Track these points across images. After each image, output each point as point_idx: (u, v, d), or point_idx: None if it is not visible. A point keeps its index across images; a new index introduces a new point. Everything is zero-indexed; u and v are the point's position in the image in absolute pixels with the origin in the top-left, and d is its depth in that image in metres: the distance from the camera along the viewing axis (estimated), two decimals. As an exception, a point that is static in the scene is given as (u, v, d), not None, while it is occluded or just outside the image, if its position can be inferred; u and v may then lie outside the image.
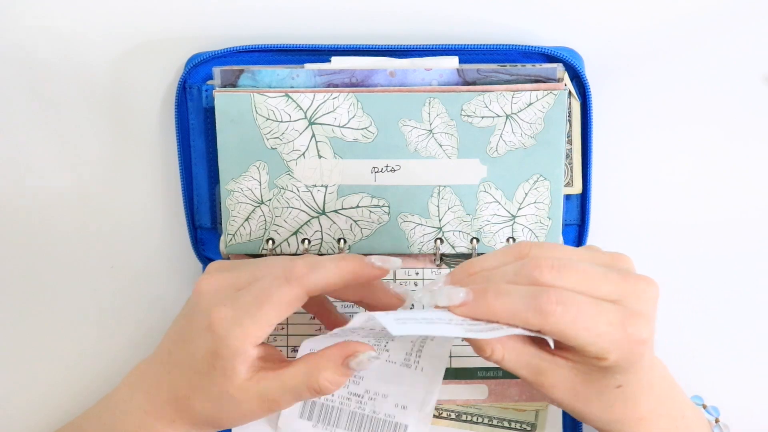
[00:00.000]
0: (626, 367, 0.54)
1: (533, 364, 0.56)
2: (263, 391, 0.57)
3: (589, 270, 0.53)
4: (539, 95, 0.65)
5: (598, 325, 0.52)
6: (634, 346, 0.53)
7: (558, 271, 0.52)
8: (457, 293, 0.53)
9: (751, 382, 0.71)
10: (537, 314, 0.51)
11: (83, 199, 0.70)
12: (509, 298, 0.52)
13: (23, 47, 0.69)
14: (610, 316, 0.52)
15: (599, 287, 0.53)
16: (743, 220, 0.70)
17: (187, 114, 0.68)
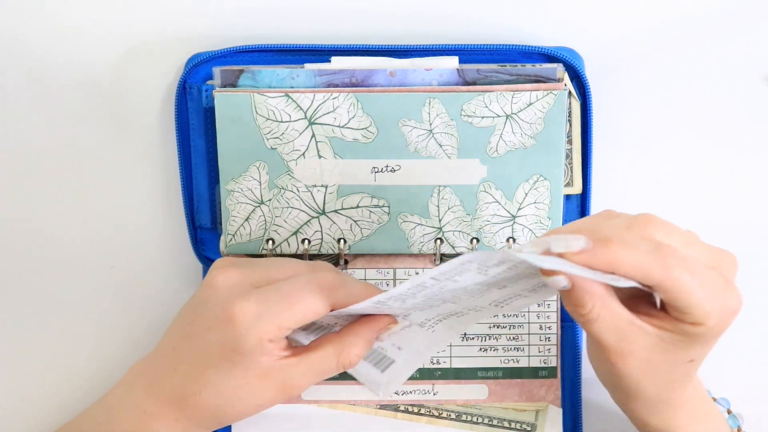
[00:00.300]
0: (711, 338, 0.54)
1: (621, 328, 0.54)
2: (287, 377, 0.58)
3: (691, 236, 0.53)
4: (539, 95, 0.65)
5: (710, 287, 0.52)
6: (728, 314, 0.53)
7: (669, 230, 0.52)
8: (576, 240, 0.51)
9: (752, 381, 0.71)
10: (662, 268, 0.50)
11: (83, 199, 0.70)
12: (634, 249, 0.50)
13: (23, 47, 0.69)
14: (717, 281, 0.52)
15: (700, 252, 0.53)
16: (743, 220, 0.70)
17: (187, 114, 0.68)
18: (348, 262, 0.68)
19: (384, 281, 0.68)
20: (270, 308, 0.56)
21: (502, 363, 0.69)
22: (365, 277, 0.68)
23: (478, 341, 0.68)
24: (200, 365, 0.58)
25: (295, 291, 0.57)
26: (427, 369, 0.69)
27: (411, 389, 0.69)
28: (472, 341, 0.68)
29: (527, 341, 0.69)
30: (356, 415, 0.69)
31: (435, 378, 0.69)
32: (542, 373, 0.69)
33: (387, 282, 0.68)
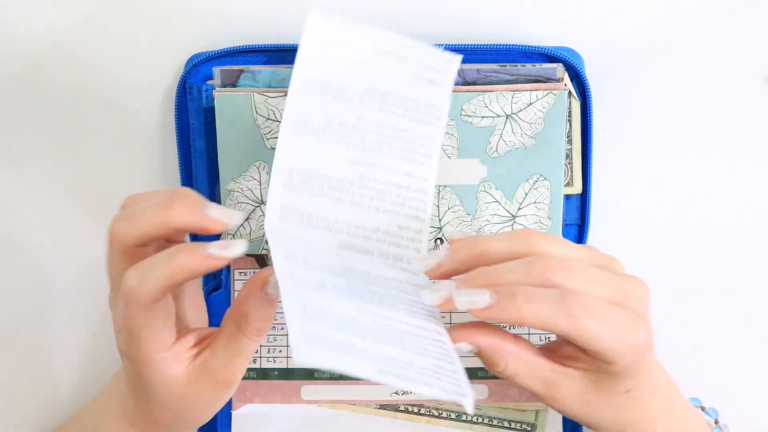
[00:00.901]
0: (634, 371, 0.54)
1: (545, 377, 0.55)
2: (209, 370, 0.56)
3: (593, 272, 0.53)
4: (539, 95, 0.65)
5: (616, 329, 0.52)
6: (642, 348, 0.53)
7: (569, 273, 0.52)
8: (480, 295, 0.51)
9: (750, 383, 0.71)
10: (568, 319, 0.51)
11: (83, 199, 0.70)
12: (539, 302, 0.51)
13: (22, 48, 0.69)
14: (624, 320, 0.52)
15: (604, 289, 0.53)
16: (743, 220, 0.70)
17: (187, 114, 0.68)
18: (348, 262, 0.68)
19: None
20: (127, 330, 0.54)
21: (502, 363, 0.69)
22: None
23: (478, 341, 0.68)
24: (136, 390, 0.58)
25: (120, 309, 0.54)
26: (427, 369, 0.69)
27: (411, 389, 0.69)
28: (472, 341, 0.68)
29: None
30: (356, 415, 0.69)
31: (435, 378, 0.69)
32: (542, 372, 0.69)
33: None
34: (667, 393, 0.59)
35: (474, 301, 0.51)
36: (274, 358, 0.69)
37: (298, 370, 0.69)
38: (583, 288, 0.52)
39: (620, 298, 0.53)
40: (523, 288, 0.51)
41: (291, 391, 0.69)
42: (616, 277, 0.54)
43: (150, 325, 0.53)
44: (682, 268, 0.71)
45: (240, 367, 0.56)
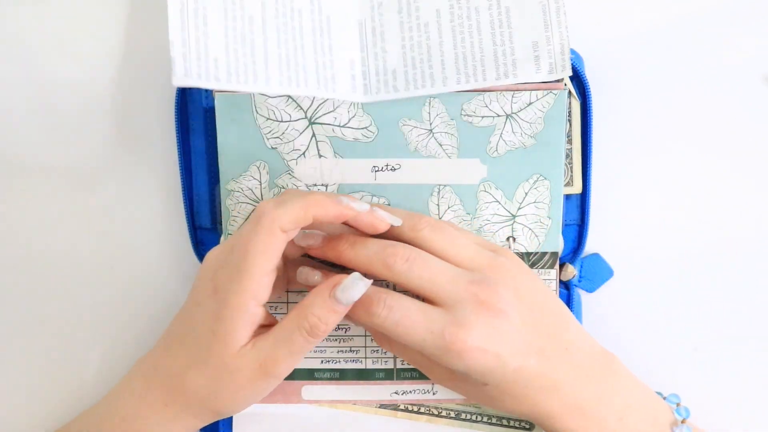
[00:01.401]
0: (466, 371, 0.57)
1: (419, 361, 0.61)
2: (259, 353, 0.57)
3: (440, 270, 0.58)
4: (539, 95, 0.65)
5: (418, 331, 0.57)
6: (459, 354, 0.56)
7: (410, 264, 0.58)
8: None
9: (750, 383, 0.71)
10: (366, 315, 0.58)
11: (83, 199, 0.70)
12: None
13: (23, 48, 0.69)
14: (432, 323, 0.57)
15: (440, 288, 0.57)
16: (743, 219, 0.70)
17: (187, 114, 0.68)
18: (348, 261, 0.68)
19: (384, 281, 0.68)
20: (235, 266, 0.57)
21: (501, 362, 0.69)
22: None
23: (478, 340, 0.69)
24: (189, 344, 0.59)
25: (243, 238, 0.57)
26: (427, 368, 0.69)
27: (411, 389, 0.69)
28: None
29: (527, 340, 0.69)
30: (356, 414, 0.69)
31: (435, 377, 0.69)
32: (542, 372, 0.69)
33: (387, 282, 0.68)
34: (585, 390, 0.60)
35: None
36: (275, 357, 0.69)
37: (299, 370, 0.69)
38: (417, 281, 0.57)
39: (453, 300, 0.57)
40: (341, 276, 0.58)
41: (291, 391, 0.69)
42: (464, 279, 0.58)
43: (261, 254, 0.56)
44: (682, 267, 0.71)
45: (284, 358, 0.57)
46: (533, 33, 0.64)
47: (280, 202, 0.57)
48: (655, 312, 0.70)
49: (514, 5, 0.64)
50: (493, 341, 0.57)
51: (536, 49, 0.64)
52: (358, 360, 0.68)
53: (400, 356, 0.63)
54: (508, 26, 0.63)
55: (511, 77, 0.64)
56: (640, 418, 0.61)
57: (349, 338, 0.68)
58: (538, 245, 0.67)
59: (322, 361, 0.68)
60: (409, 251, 0.58)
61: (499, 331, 0.57)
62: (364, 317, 0.58)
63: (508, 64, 0.64)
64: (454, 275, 0.58)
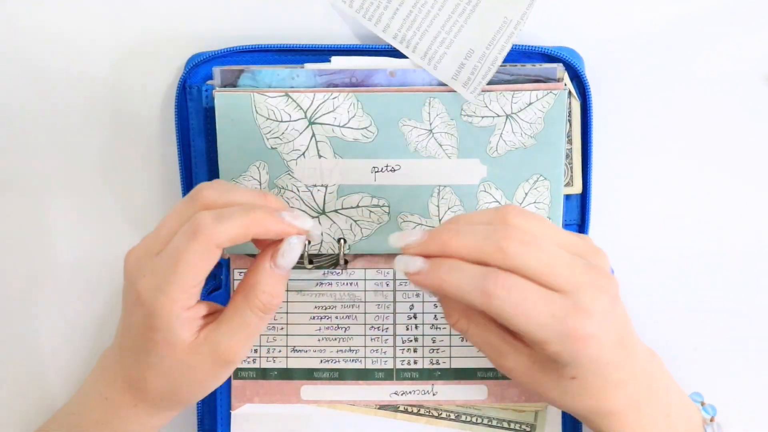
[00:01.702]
0: (571, 361, 0.55)
1: (495, 345, 0.58)
2: (213, 345, 0.56)
3: (555, 253, 0.54)
4: (539, 95, 0.65)
5: (540, 315, 0.53)
6: (576, 341, 0.54)
7: (525, 246, 0.54)
8: (414, 262, 0.55)
9: (750, 383, 0.71)
10: (482, 295, 0.53)
11: (83, 199, 0.70)
12: (460, 274, 0.54)
13: (23, 48, 0.69)
14: (554, 307, 0.54)
15: (558, 273, 0.54)
16: (743, 219, 0.70)
17: (187, 114, 0.68)
18: (348, 262, 0.68)
19: (384, 281, 0.68)
20: (162, 277, 0.55)
21: (501, 363, 0.69)
22: (365, 277, 0.68)
23: (477, 341, 0.68)
24: (135, 351, 0.58)
25: (175, 249, 0.55)
26: (427, 369, 0.69)
27: (410, 389, 0.69)
28: (471, 341, 0.68)
29: (527, 341, 0.69)
30: (356, 415, 0.69)
31: (434, 378, 0.69)
32: (542, 373, 0.69)
33: (387, 282, 0.68)
34: (644, 390, 0.59)
35: (407, 264, 0.55)
36: (274, 358, 0.69)
37: (298, 370, 0.68)
38: (534, 265, 0.54)
39: (573, 286, 0.54)
40: (452, 261, 0.54)
41: (290, 391, 0.69)
42: (581, 265, 0.55)
43: (194, 268, 0.54)
44: (682, 267, 0.70)
45: (241, 343, 0.57)
46: (476, 41, 0.64)
47: (220, 216, 0.55)
48: (654, 312, 0.70)
49: (485, 1, 0.64)
50: (607, 331, 0.55)
51: (467, 57, 0.64)
52: (358, 360, 0.68)
53: (471, 337, 0.59)
54: (464, 20, 0.63)
55: (430, 65, 0.64)
56: (680, 417, 0.61)
57: (348, 338, 0.68)
58: (538, 245, 0.67)
59: (321, 361, 0.68)
60: (521, 234, 0.54)
61: (612, 321, 0.55)
62: (479, 298, 0.54)
63: (438, 52, 0.64)
64: (571, 259, 0.55)
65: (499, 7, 0.63)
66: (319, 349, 0.68)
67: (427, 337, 0.68)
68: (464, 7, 0.63)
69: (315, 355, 0.68)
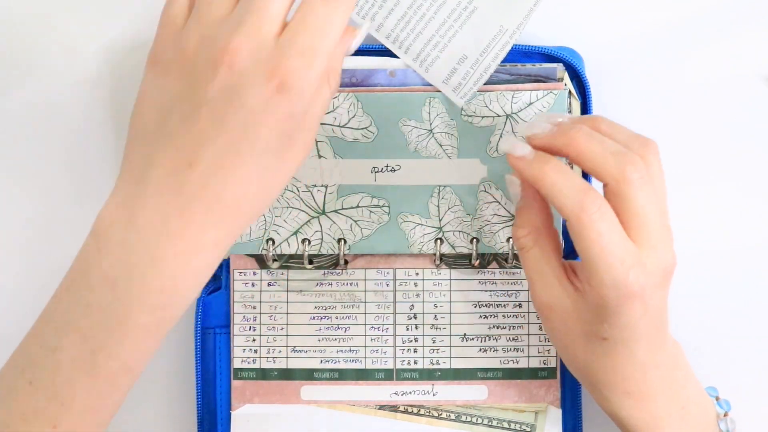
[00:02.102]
0: (611, 315, 0.55)
1: (547, 276, 0.58)
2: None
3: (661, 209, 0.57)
4: (539, 95, 0.65)
5: (612, 254, 0.54)
6: (626, 295, 0.54)
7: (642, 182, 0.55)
8: (523, 146, 0.56)
9: (751, 383, 0.71)
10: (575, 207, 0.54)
11: (83, 199, 0.70)
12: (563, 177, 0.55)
13: (22, 48, 0.69)
14: (627, 255, 0.54)
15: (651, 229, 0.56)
16: (743, 219, 0.70)
17: (187, 114, 0.68)
18: (348, 262, 0.68)
19: (384, 281, 0.68)
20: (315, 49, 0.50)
21: (501, 363, 0.69)
22: (365, 278, 0.68)
23: (477, 342, 0.68)
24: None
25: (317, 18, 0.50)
26: (427, 369, 0.69)
27: (410, 390, 0.69)
28: (471, 341, 0.68)
29: (527, 342, 0.69)
30: (356, 415, 0.69)
31: (434, 378, 0.69)
32: (542, 373, 0.69)
33: (387, 282, 0.68)
34: (664, 379, 0.59)
35: (514, 145, 0.56)
36: (274, 358, 0.69)
37: (298, 370, 0.68)
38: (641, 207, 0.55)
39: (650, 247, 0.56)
40: (560, 162, 0.55)
41: (290, 392, 0.69)
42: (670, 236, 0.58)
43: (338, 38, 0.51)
44: (681, 267, 0.70)
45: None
46: (469, 47, 0.64)
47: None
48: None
49: (482, 9, 0.64)
50: (653, 304, 0.56)
51: (460, 63, 0.64)
52: (358, 360, 0.68)
53: (528, 260, 0.59)
54: (459, 25, 0.63)
55: (421, 67, 0.64)
56: (695, 410, 0.61)
57: (348, 338, 0.68)
58: (538, 245, 0.67)
59: (321, 361, 0.68)
60: (647, 171, 0.55)
61: (660, 298, 0.57)
62: (570, 208, 0.54)
63: (431, 55, 0.64)
64: (667, 228, 0.57)
65: (495, 15, 0.63)
66: (319, 349, 0.68)
67: (427, 337, 0.68)
68: (460, 13, 0.63)
69: (315, 356, 0.68)
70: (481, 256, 0.68)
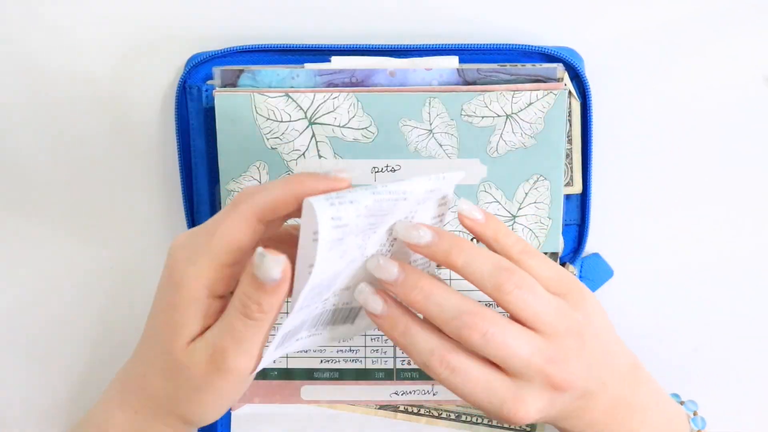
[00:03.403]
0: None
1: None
2: (206, 344, 0.52)
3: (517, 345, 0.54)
4: (539, 95, 0.65)
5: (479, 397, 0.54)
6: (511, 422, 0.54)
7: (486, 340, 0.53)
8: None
9: (750, 383, 0.71)
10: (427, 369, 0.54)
11: (83, 199, 0.70)
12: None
13: (23, 48, 0.69)
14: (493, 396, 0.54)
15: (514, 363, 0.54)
16: (743, 219, 0.70)
17: (187, 114, 0.68)
18: (348, 262, 0.68)
19: (384, 281, 0.68)
20: (197, 246, 0.52)
21: (501, 363, 0.69)
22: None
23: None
24: (148, 342, 0.55)
25: (214, 220, 0.53)
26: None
27: (411, 389, 0.69)
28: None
29: (527, 341, 0.68)
30: (356, 415, 0.69)
31: (435, 378, 0.69)
32: (542, 373, 0.68)
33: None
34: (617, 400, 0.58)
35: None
36: (274, 358, 0.69)
37: (298, 370, 0.68)
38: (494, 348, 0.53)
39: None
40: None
41: (290, 392, 0.69)
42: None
43: (228, 237, 0.51)
44: (681, 267, 0.71)
45: (232, 350, 0.52)
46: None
47: (262, 187, 0.52)
48: (655, 312, 0.70)
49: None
50: (548, 411, 0.55)
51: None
52: (358, 360, 0.68)
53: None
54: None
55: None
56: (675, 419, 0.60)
57: (348, 338, 0.68)
58: (538, 245, 0.67)
59: (321, 361, 0.68)
60: (487, 325, 0.53)
61: (558, 402, 0.55)
62: (425, 369, 0.54)
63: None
64: (530, 352, 0.54)
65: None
66: (319, 349, 0.68)
67: (427, 337, 0.68)
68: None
69: (315, 355, 0.68)
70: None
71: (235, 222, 0.52)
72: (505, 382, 0.54)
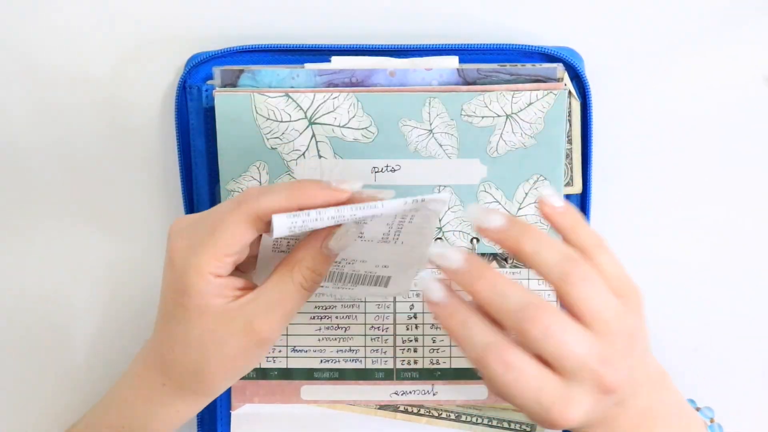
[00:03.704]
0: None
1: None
2: (250, 317, 0.55)
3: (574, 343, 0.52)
4: (539, 95, 0.65)
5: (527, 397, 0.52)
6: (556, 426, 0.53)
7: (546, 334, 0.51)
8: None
9: (750, 383, 0.71)
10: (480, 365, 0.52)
11: (83, 199, 0.70)
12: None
13: (23, 48, 0.69)
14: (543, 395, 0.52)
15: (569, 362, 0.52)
16: (743, 219, 0.70)
17: (187, 114, 0.68)
18: (348, 262, 0.68)
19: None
20: (198, 239, 0.54)
21: (501, 363, 0.69)
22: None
23: (477, 341, 0.68)
24: (164, 321, 0.57)
25: (216, 214, 0.55)
26: (427, 369, 0.69)
27: (411, 389, 0.69)
28: (471, 341, 0.68)
29: (527, 341, 0.69)
30: (356, 415, 0.69)
31: (435, 378, 0.69)
32: (542, 373, 0.69)
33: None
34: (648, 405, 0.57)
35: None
36: (274, 358, 0.69)
37: (298, 370, 0.68)
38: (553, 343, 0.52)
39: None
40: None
41: (290, 391, 0.69)
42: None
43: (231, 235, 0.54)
44: (681, 267, 0.71)
45: (278, 320, 0.55)
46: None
47: (266, 189, 0.54)
48: (655, 312, 0.70)
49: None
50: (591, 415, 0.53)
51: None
52: (358, 360, 0.68)
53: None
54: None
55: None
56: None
57: (348, 338, 0.68)
58: (538, 245, 0.67)
59: (321, 361, 0.68)
60: (548, 320, 0.51)
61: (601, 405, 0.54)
62: (476, 363, 0.53)
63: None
64: (586, 352, 0.52)
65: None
66: (319, 349, 0.68)
67: (427, 337, 0.68)
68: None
69: (315, 355, 0.68)
70: (481, 256, 0.68)
71: (237, 221, 0.54)
72: (557, 381, 0.52)
